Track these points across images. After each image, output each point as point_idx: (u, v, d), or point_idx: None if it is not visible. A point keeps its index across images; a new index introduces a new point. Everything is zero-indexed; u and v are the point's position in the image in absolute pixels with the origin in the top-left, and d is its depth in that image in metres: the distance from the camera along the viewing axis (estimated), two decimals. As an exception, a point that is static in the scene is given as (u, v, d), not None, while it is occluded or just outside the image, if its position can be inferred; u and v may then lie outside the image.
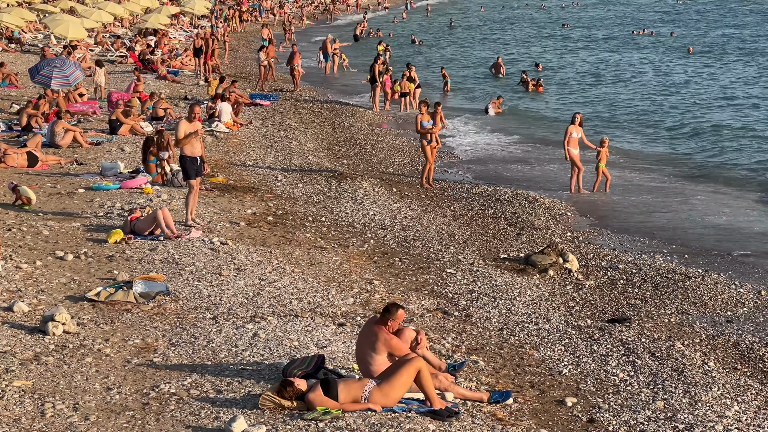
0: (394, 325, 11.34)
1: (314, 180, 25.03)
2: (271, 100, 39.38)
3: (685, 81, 50.59)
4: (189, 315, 13.83)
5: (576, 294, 16.87)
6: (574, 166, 25.03)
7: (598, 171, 25.05)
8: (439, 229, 20.98)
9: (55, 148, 26.47)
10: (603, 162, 24.95)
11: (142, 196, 21.20)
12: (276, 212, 21.11)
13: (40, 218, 18.98)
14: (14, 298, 14.08)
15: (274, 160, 27.54)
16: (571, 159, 24.95)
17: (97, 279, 15.34)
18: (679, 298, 16.72)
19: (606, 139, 25.44)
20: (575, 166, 25.02)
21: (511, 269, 18.11)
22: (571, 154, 24.89)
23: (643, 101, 43.39)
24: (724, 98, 44.01)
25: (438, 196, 24.34)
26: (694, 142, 33.33)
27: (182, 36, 71.02)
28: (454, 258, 18.60)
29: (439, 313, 15.21)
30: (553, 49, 69.18)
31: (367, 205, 22.71)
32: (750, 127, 36.10)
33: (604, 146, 24.97)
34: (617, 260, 18.86)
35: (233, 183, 23.58)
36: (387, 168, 27.73)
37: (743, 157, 30.51)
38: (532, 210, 22.97)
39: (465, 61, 63.32)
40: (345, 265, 17.45)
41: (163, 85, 41.96)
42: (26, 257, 16.27)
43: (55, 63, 33.51)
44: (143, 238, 17.74)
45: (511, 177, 27.49)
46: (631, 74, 54.07)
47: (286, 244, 18.41)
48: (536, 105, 43.05)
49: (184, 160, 18.87)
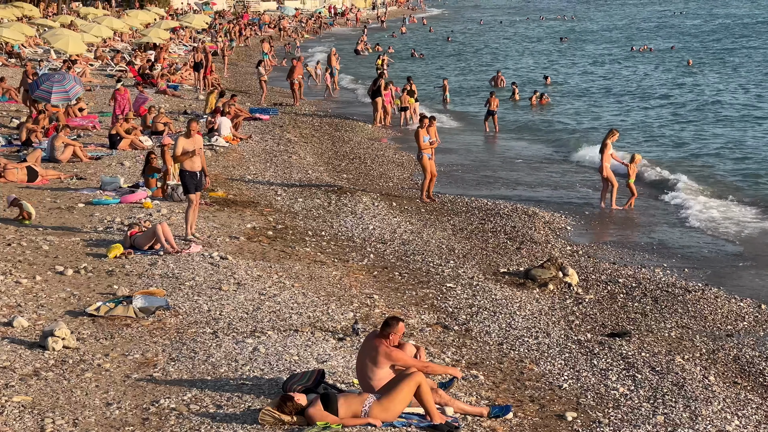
0: (395, 339, 11.33)
1: (314, 194, 25.03)
2: (271, 114, 39.43)
3: (687, 92, 50.71)
4: (189, 330, 13.82)
5: (576, 308, 16.86)
6: (608, 181, 24.90)
7: (629, 187, 24.99)
8: (439, 243, 20.98)
9: (55, 163, 26.49)
10: (632, 178, 24.89)
11: (142, 211, 21.21)
12: (276, 227, 21.12)
13: (40, 233, 18.99)
14: (14, 313, 14.08)
15: (273, 174, 27.55)
16: (607, 175, 24.84)
17: (96, 294, 15.34)
18: (679, 312, 16.71)
19: (638, 156, 25.40)
20: (609, 182, 24.88)
21: (510, 283, 18.11)
22: (607, 169, 24.81)
23: (646, 114, 43.42)
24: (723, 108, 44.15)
25: (438, 211, 24.34)
26: (695, 153, 33.34)
27: (182, 50, 71.13)
28: (453, 272, 18.60)
29: (439, 328, 15.20)
30: (554, 64, 69.22)
31: (367, 219, 22.71)
32: (749, 136, 36.18)
33: (635, 162, 24.93)
34: (617, 274, 18.86)
35: (233, 197, 23.59)
36: (387, 182, 27.73)
37: (744, 167, 30.49)
38: (531, 224, 22.98)
39: (464, 74, 63.45)
40: (345, 279, 17.44)
41: (162, 100, 42.01)
42: (26, 272, 16.27)
43: (55, 78, 33.56)
44: (143, 253, 17.74)
45: (511, 190, 27.49)
46: (632, 86, 54.17)
47: (286, 259, 18.41)
48: (539, 118, 43.06)
49: (184, 175, 18.88)
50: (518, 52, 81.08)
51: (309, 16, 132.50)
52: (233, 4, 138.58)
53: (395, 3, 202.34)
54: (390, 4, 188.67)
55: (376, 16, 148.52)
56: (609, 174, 24.81)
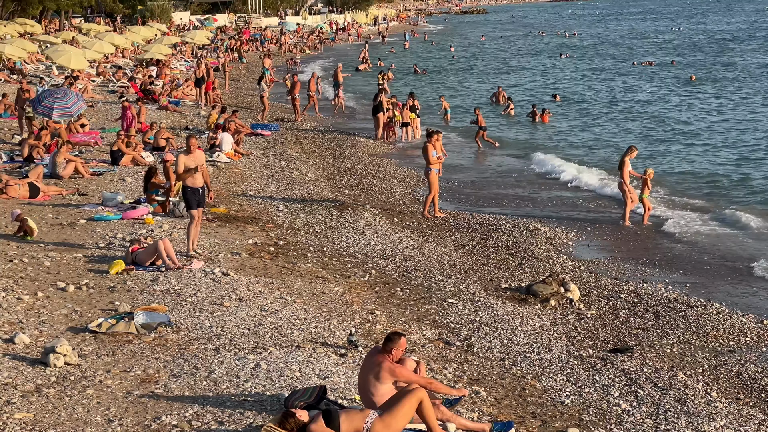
0: (398, 354, 11.31)
1: (315, 210, 25.04)
2: (272, 130, 39.47)
3: (689, 108, 50.76)
4: (190, 346, 13.82)
5: (578, 324, 16.85)
6: (628, 197, 24.88)
7: (643, 202, 24.97)
8: (441, 259, 20.98)
9: (57, 179, 26.52)
10: (646, 193, 24.88)
11: (144, 227, 21.23)
12: (277, 242, 21.12)
13: (42, 249, 19.00)
14: (15, 330, 14.08)
15: (275, 190, 27.57)
16: (627, 191, 24.81)
17: (98, 310, 15.34)
18: (681, 327, 16.70)
19: (650, 170, 25.40)
20: (629, 198, 24.87)
21: (512, 299, 18.10)
22: (627, 185, 24.79)
23: (648, 128, 43.42)
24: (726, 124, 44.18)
25: (439, 226, 24.34)
26: (698, 169, 33.33)
27: (183, 66, 71.24)
28: (455, 288, 18.59)
29: (440, 343, 15.19)
30: (555, 79, 69.27)
31: (369, 235, 22.72)
32: (754, 153, 36.19)
33: (647, 176, 24.93)
34: (619, 290, 18.86)
35: (234, 213, 23.61)
36: (388, 198, 27.74)
37: (747, 183, 30.47)
38: (533, 239, 22.98)
39: (466, 90, 63.54)
40: (346, 295, 17.44)
41: (164, 116, 42.06)
42: (27, 288, 16.27)
43: (57, 94, 33.59)
44: (145, 269, 17.75)
45: (512, 205, 27.50)
46: (634, 102, 54.20)
47: (288, 275, 18.41)
48: (540, 134, 43.07)
49: (186, 191, 18.92)
50: (519, 68, 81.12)
51: (310, 32, 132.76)
52: (235, 20, 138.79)
53: (397, 18, 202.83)
54: (391, 20, 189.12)
55: (377, 31, 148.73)
56: (630, 190, 24.79)
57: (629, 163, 25.01)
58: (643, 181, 24.91)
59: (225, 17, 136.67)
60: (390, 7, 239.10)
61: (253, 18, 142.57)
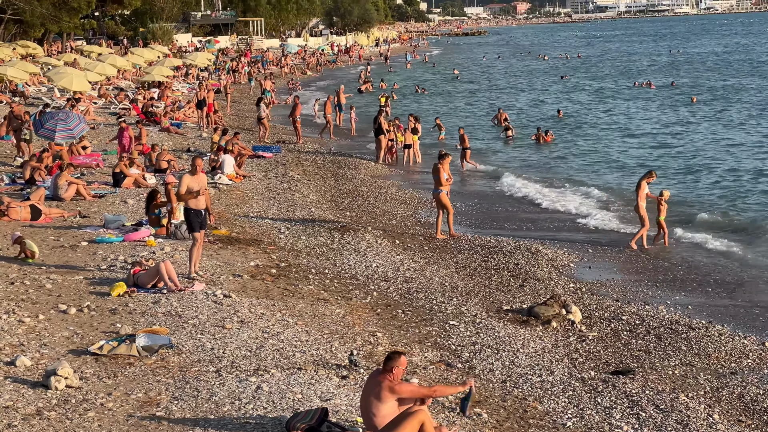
0: (399, 372, 11.28)
1: (317, 232, 25.05)
2: (274, 152, 39.53)
3: (691, 128, 50.86)
4: (192, 368, 13.81)
5: (579, 346, 16.84)
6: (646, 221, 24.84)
7: (660, 224, 24.94)
8: (442, 280, 20.98)
9: (59, 201, 26.54)
10: (662, 215, 24.87)
11: (146, 249, 21.24)
12: (279, 264, 21.13)
13: (43, 271, 19.01)
14: (17, 353, 14.07)
15: (277, 212, 27.59)
16: (642, 214, 24.79)
17: (99, 332, 15.33)
18: (683, 349, 16.68)
19: (666, 192, 25.39)
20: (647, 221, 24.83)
21: (514, 321, 18.09)
22: (642, 209, 24.75)
23: (649, 149, 43.46)
24: (730, 145, 44.27)
25: (440, 248, 24.34)
26: (701, 191, 33.33)
27: (185, 88, 71.39)
28: (456, 310, 18.59)
29: (442, 365, 15.18)
30: (557, 101, 69.40)
31: (370, 257, 22.72)
32: (758, 173, 36.25)
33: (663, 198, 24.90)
34: (620, 311, 18.84)
35: (236, 235, 23.62)
36: (390, 220, 27.75)
37: (750, 205, 30.47)
38: (534, 261, 22.97)
39: (467, 111, 63.70)
40: (348, 317, 17.43)
41: (165, 137, 42.13)
42: (29, 311, 16.27)
43: (59, 116, 33.66)
44: (146, 291, 17.75)
45: (513, 227, 27.52)
46: (636, 123, 54.32)
47: (290, 297, 18.41)
48: (541, 155, 43.14)
49: (188, 213, 18.94)
50: (521, 90, 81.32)
51: (311, 54, 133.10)
52: (236, 42, 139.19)
53: (398, 40, 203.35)
54: (393, 41, 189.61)
55: (379, 53, 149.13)
56: (643, 213, 24.74)
57: (646, 186, 24.95)
58: (658, 203, 24.87)
59: (227, 39, 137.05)
60: (391, 28, 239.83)
61: (255, 40, 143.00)
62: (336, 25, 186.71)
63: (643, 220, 24.78)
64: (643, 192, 24.80)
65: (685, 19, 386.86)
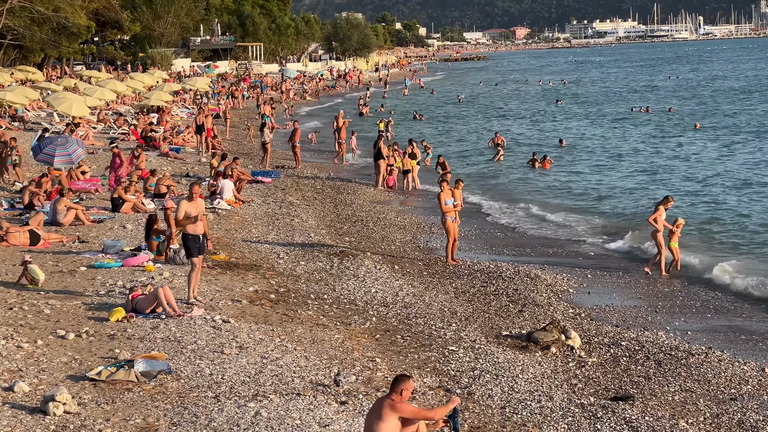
0: (406, 395, 11.21)
1: (316, 257, 25.05)
2: (273, 177, 39.55)
3: (694, 155, 50.98)
4: (191, 394, 13.79)
5: (579, 371, 16.81)
6: (662, 247, 24.82)
7: (672, 250, 24.91)
8: (441, 306, 20.96)
9: (57, 226, 26.55)
10: (674, 242, 24.84)
11: (144, 274, 21.22)
12: (278, 290, 21.11)
13: (42, 297, 18.99)
14: (15, 378, 14.04)
15: (276, 237, 27.59)
16: (657, 241, 24.79)
17: (98, 358, 15.31)
18: (683, 375, 16.65)
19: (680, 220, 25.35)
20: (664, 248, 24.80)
21: (513, 346, 18.07)
22: (659, 235, 24.75)
23: (654, 177, 43.46)
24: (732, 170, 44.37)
25: (440, 273, 24.34)
26: (702, 216, 33.32)
27: (184, 113, 71.48)
28: (456, 335, 18.57)
29: (441, 391, 15.15)
30: (555, 127, 69.52)
31: (369, 282, 22.71)
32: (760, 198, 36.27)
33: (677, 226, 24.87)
34: (620, 337, 18.81)
35: (235, 260, 23.61)
36: (389, 245, 27.75)
37: (751, 231, 30.44)
38: (533, 286, 22.96)
39: (465, 136, 63.82)
40: (347, 342, 17.41)
41: (165, 162, 42.16)
42: (27, 336, 16.24)
43: (58, 141, 33.68)
44: (145, 317, 17.73)
45: (512, 252, 27.53)
46: (635, 149, 54.42)
47: (289, 322, 18.39)
48: (539, 180, 43.17)
49: (187, 238, 18.95)
50: (517, 115, 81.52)
51: (310, 79, 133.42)
52: (235, 67, 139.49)
53: (397, 65, 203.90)
54: (392, 67, 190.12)
55: (378, 78, 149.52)
56: (660, 240, 24.72)
57: (663, 212, 24.93)
58: (670, 231, 24.83)
59: (226, 64, 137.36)
60: (390, 53, 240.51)
61: (254, 65, 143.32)
62: (335, 50, 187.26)
63: (659, 246, 24.74)
64: (659, 217, 24.78)
65: (684, 44, 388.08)
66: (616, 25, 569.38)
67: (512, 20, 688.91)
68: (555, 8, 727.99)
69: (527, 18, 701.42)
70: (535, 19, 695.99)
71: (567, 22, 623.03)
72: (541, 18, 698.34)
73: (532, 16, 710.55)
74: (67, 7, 76.90)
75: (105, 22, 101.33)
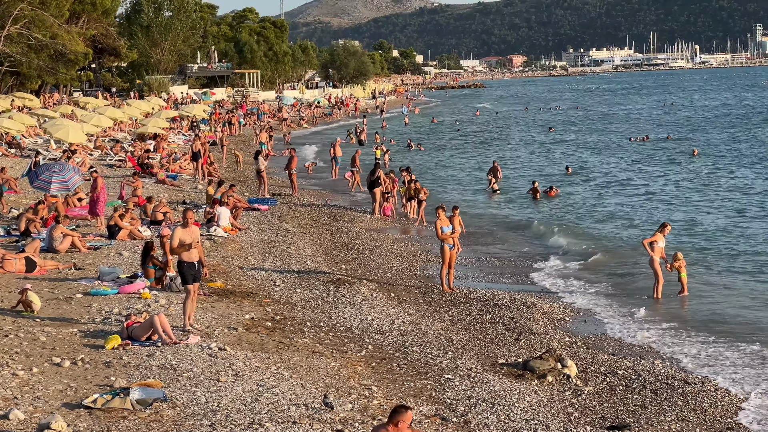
0: (403, 427, 11.21)
1: (312, 285, 25.04)
2: (269, 204, 39.57)
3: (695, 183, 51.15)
4: (186, 422, 13.75)
5: (575, 400, 16.80)
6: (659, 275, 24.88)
7: (681, 281, 24.90)
8: (437, 334, 20.95)
9: (54, 253, 26.53)
10: (683, 272, 24.84)
11: (140, 301, 21.20)
12: (274, 317, 21.09)
13: (38, 324, 18.96)
14: (10, 406, 14.00)
15: (272, 264, 27.59)
16: (655, 268, 24.81)
17: (93, 386, 15.27)
18: (679, 404, 16.64)
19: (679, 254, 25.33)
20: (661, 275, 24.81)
21: (509, 375, 18.05)
22: (656, 263, 24.76)
23: (654, 206, 43.48)
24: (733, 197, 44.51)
25: (435, 301, 24.33)
26: (695, 241, 33.34)
27: (181, 140, 71.55)
28: (452, 363, 18.55)
29: (437, 420, 15.13)
30: (553, 156, 69.64)
31: (366, 310, 22.70)
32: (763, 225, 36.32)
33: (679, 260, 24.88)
34: (616, 366, 18.80)
35: (231, 288, 23.59)
36: (385, 273, 27.74)
37: (750, 258, 30.43)
38: (530, 315, 22.95)
39: (463, 163, 63.97)
40: (343, 370, 17.39)
41: (161, 189, 42.17)
42: (23, 364, 16.21)
43: (55, 168, 33.69)
44: (141, 344, 17.70)
45: (509, 280, 27.53)
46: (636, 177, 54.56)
47: (285, 350, 18.37)
48: (542, 208, 43.22)
49: (182, 266, 18.95)
50: (515, 144, 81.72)
51: (308, 106, 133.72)
52: (232, 94, 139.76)
53: (394, 93, 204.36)
54: (389, 94, 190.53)
55: (375, 105, 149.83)
56: (657, 267, 24.72)
57: (660, 239, 24.94)
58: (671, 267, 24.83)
59: (223, 91, 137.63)
60: (387, 81, 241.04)
61: (251, 92, 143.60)
62: (332, 77, 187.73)
63: (656, 272, 24.75)
64: (656, 244, 24.80)
65: (681, 72, 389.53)
66: (612, 53, 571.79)
67: (509, 48, 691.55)
68: (552, 36, 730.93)
69: (524, 46, 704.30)
70: (531, 47, 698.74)
71: (564, 51, 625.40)
72: (538, 46, 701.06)
73: (529, 44, 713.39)
74: (65, 34, 77.21)
75: (102, 49, 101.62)
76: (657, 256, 24.79)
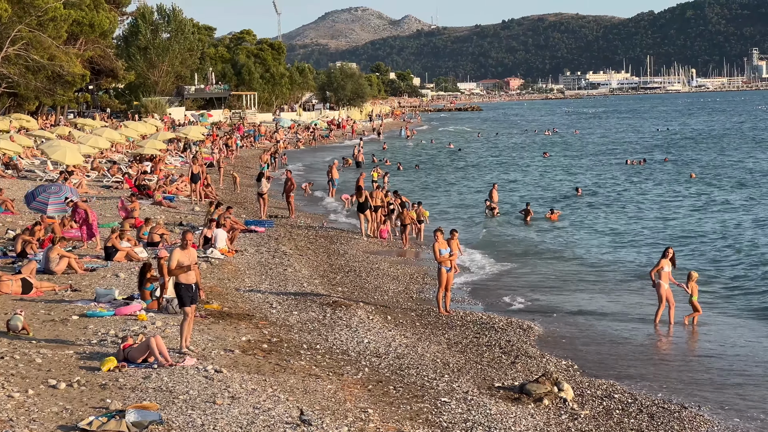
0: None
1: (309, 307, 25.03)
2: (266, 226, 39.57)
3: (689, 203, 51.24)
4: (182, 445, 13.73)
5: (571, 424, 16.78)
6: (662, 301, 24.81)
7: (693, 305, 24.86)
8: (434, 357, 20.93)
9: (50, 275, 26.51)
10: (695, 295, 24.81)
11: (137, 323, 21.18)
12: (271, 339, 21.07)
13: (33, 346, 18.93)
14: (5, 428, 13.97)
15: (269, 286, 27.58)
16: (660, 294, 24.78)
17: (89, 408, 15.24)
18: (676, 429, 16.63)
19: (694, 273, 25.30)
20: (664, 301, 24.74)
21: (505, 398, 18.03)
22: (662, 288, 24.71)
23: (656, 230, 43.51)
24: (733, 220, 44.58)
25: (432, 324, 24.33)
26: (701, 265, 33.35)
27: (178, 161, 71.59)
28: (448, 386, 18.53)
29: (433, 443, 15.11)
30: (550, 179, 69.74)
31: (362, 332, 22.68)
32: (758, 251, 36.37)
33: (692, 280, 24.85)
34: (613, 389, 18.79)
35: (228, 310, 23.57)
36: (382, 296, 27.74)
37: (751, 284, 30.42)
38: (526, 338, 22.95)
39: (463, 187, 64.05)
40: (339, 393, 17.36)
41: (158, 211, 42.18)
42: (18, 386, 16.18)
43: (52, 189, 33.69)
44: (137, 366, 17.68)
45: (505, 304, 27.53)
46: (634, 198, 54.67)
47: (281, 372, 18.34)
48: (540, 232, 43.25)
49: (179, 288, 18.94)
50: (512, 167, 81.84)
51: (305, 128, 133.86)
52: (229, 116, 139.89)
53: (391, 115, 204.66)
54: (386, 116, 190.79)
55: (371, 128, 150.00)
56: (662, 293, 24.66)
57: (666, 265, 24.88)
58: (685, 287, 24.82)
59: (220, 113, 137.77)
60: (384, 103, 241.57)
61: (248, 114, 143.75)
62: (329, 99, 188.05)
63: (660, 299, 24.67)
64: (663, 270, 24.72)
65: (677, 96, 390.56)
66: (609, 76, 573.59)
67: (506, 71, 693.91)
68: (549, 59, 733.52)
69: (521, 69, 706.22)
70: (528, 70, 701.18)
71: (560, 74, 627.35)
72: (535, 69, 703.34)
73: (526, 67, 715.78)
74: (63, 56, 77.27)
75: (100, 71, 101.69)
76: (666, 283, 24.71)
